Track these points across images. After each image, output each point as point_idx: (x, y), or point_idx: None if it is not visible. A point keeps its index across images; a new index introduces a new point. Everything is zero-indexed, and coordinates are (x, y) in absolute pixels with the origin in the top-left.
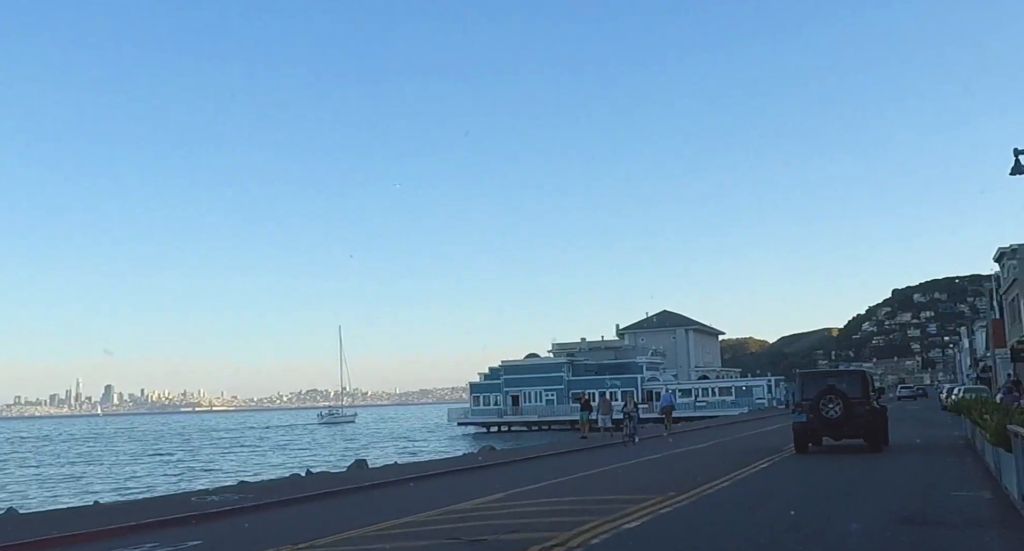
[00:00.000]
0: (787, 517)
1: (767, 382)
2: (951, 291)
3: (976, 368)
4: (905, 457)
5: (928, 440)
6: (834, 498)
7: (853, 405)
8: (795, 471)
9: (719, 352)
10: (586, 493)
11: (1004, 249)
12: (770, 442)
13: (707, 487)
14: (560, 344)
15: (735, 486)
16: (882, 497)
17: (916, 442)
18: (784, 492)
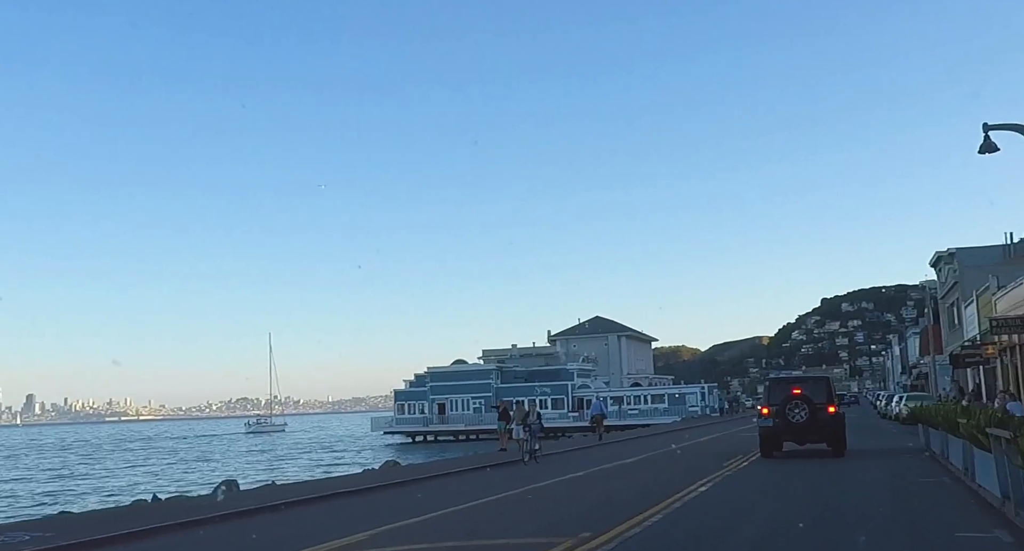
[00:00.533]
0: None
1: (700, 389)
2: (878, 300)
3: (909, 375)
4: (876, 473)
5: (885, 450)
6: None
7: (818, 410)
8: (744, 497)
9: (652, 359)
10: (475, 533)
11: (941, 253)
12: (706, 456)
13: (633, 524)
14: (490, 351)
15: (668, 522)
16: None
17: (876, 452)
18: (736, 533)
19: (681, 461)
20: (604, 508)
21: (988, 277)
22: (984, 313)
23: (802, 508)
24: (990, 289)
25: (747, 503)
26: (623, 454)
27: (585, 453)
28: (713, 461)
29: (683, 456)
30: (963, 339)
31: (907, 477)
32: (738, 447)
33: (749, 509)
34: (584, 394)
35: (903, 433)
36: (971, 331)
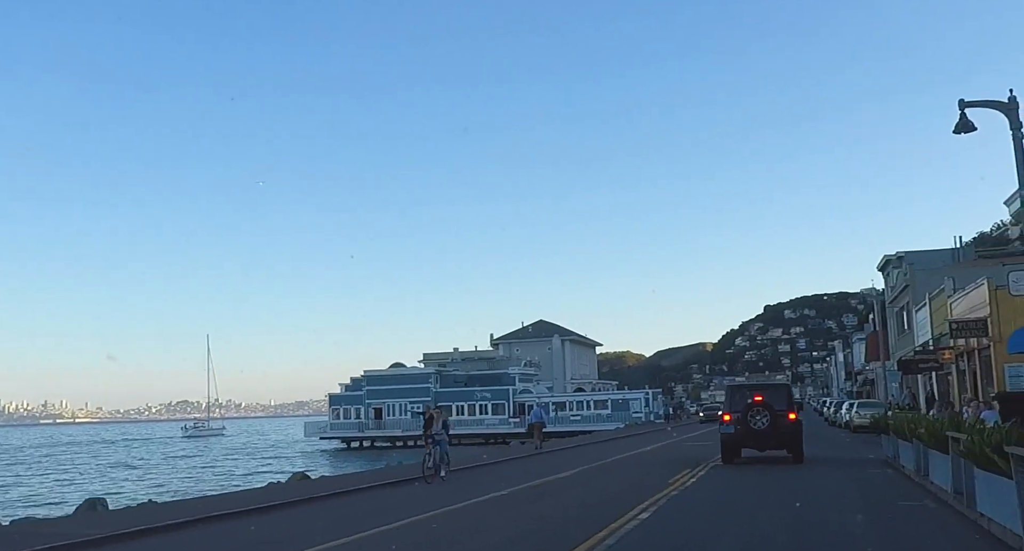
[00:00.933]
0: None
1: (644, 395)
2: (820, 308)
3: (854, 382)
4: (847, 495)
5: (846, 461)
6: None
7: (779, 417)
8: (695, 524)
9: (596, 364)
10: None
11: (890, 257)
12: (650, 469)
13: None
14: (431, 354)
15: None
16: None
17: (837, 463)
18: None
19: (622, 475)
20: (523, 542)
21: (943, 279)
22: (938, 317)
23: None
24: (945, 291)
25: (700, 535)
26: (560, 466)
27: (518, 465)
28: (658, 476)
29: (625, 469)
30: (914, 344)
31: (884, 500)
32: (685, 458)
33: (703, 545)
34: (526, 399)
35: (859, 443)
36: (923, 336)
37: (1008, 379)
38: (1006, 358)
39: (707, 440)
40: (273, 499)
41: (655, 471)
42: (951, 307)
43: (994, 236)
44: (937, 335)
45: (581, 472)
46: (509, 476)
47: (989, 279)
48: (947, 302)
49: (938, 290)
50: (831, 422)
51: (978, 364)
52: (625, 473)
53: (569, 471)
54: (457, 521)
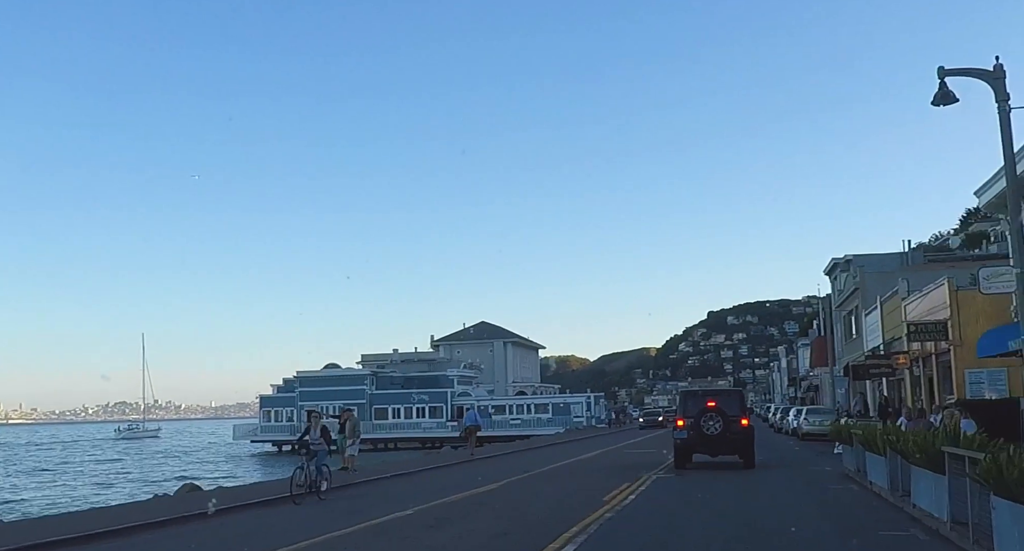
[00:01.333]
0: None
1: (586, 399)
2: (762, 315)
3: (798, 388)
4: (813, 521)
5: (803, 474)
6: None
7: (732, 422)
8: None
9: (539, 367)
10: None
11: (838, 260)
12: (584, 483)
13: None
14: (370, 355)
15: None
16: None
17: (792, 476)
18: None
19: (552, 490)
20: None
21: (897, 281)
22: (890, 320)
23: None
24: (899, 293)
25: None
26: (487, 476)
27: (440, 474)
28: (593, 490)
29: (557, 481)
30: (863, 349)
31: (861, 529)
32: (624, 468)
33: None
34: (464, 402)
35: (810, 452)
36: (873, 340)
37: (969, 385)
38: (967, 363)
39: (648, 447)
40: (145, 517)
41: (590, 484)
42: (906, 310)
43: (934, 246)
44: (889, 339)
45: (507, 485)
46: (420, 490)
47: (950, 279)
48: (901, 305)
49: (891, 293)
50: (777, 429)
51: (935, 369)
52: (556, 487)
53: (494, 483)
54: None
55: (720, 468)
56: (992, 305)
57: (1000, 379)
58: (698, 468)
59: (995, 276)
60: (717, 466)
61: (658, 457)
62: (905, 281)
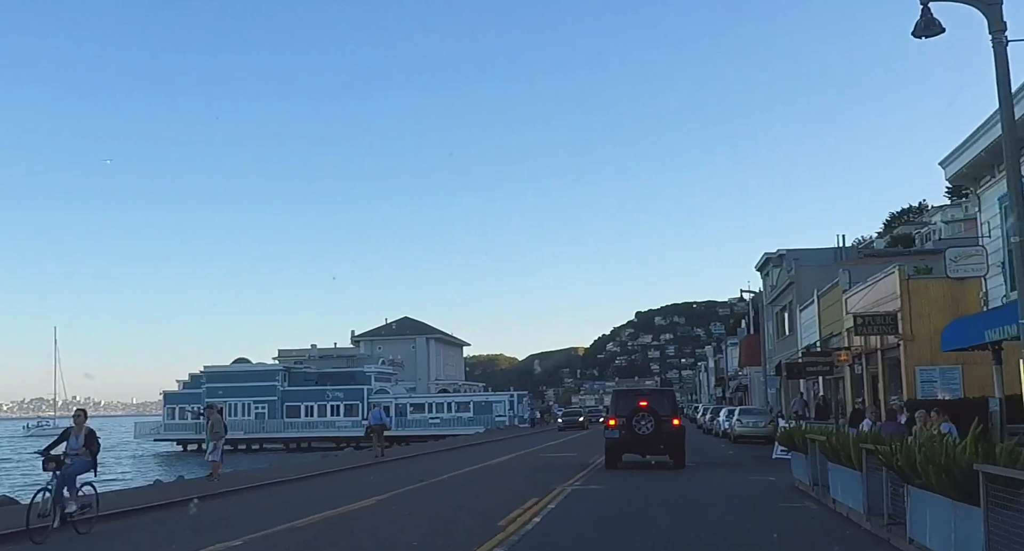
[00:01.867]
0: None
1: (509, 398)
2: (689, 315)
3: (725, 388)
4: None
5: (746, 486)
6: None
7: (663, 422)
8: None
9: (463, 364)
10: None
11: (771, 255)
12: (486, 498)
13: None
14: (287, 351)
15: None
16: None
17: (738, 489)
18: None
19: (440, 508)
20: None
21: (837, 273)
22: (828, 315)
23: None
24: (840, 285)
25: None
26: (375, 486)
27: (321, 483)
28: (491, 507)
29: (452, 494)
30: (798, 347)
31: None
32: (536, 477)
33: None
34: (382, 400)
35: (746, 456)
36: (809, 337)
37: (920, 384)
38: (919, 359)
39: (568, 450)
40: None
41: (491, 499)
42: (847, 302)
43: (859, 249)
44: (827, 335)
45: (390, 499)
46: (275, 508)
47: (901, 268)
48: (842, 297)
49: (830, 285)
50: (707, 430)
51: (881, 366)
52: (448, 503)
53: (375, 497)
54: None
55: (648, 476)
56: (946, 296)
57: (954, 377)
58: (623, 477)
59: (964, 257)
60: (645, 474)
61: (577, 463)
62: (847, 272)
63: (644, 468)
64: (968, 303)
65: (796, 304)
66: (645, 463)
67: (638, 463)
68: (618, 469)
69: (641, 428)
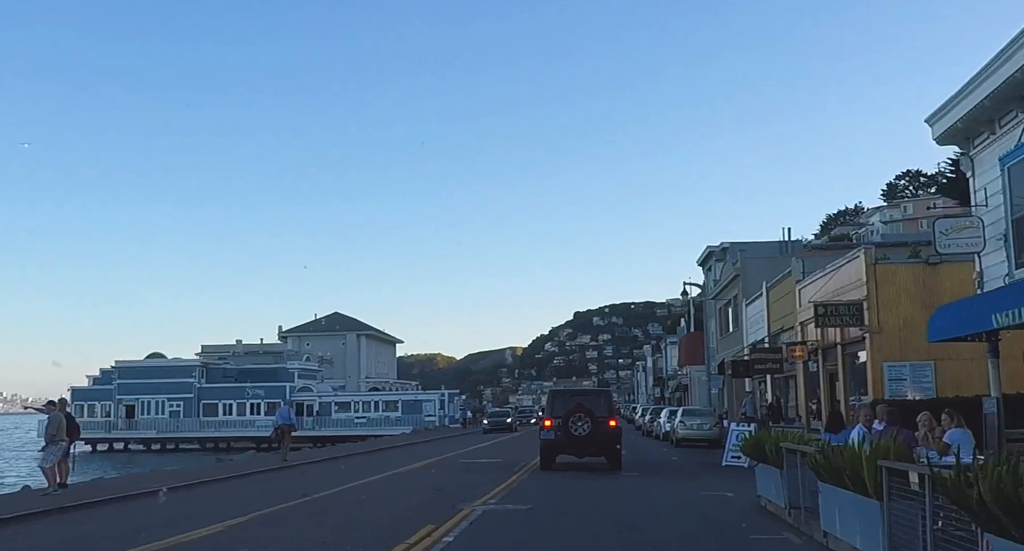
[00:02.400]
0: None
1: (439, 397)
2: (627, 316)
3: (664, 387)
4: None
5: (705, 506)
6: None
7: (600, 423)
8: None
9: (395, 362)
10: None
11: (713, 249)
12: (366, 528)
13: None
14: (211, 346)
15: None
16: None
17: (691, 508)
18: None
19: (302, 541)
20: None
21: (791, 261)
22: (779, 309)
23: None
24: (793, 275)
25: None
26: (252, 501)
27: (198, 494)
28: (375, 537)
29: (330, 516)
30: (743, 344)
31: None
32: (438, 494)
33: None
34: (305, 398)
35: (691, 463)
36: (757, 333)
37: (888, 382)
38: (887, 354)
39: (493, 455)
40: None
41: (375, 525)
42: (800, 294)
43: (804, 245)
44: (776, 330)
45: (249, 523)
46: (86, 540)
47: (867, 250)
48: (795, 288)
49: (781, 276)
50: (647, 432)
51: (841, 363)
52: (314, 532)
53: (238, 518)
54: None
55: (582, 490)
56: (919, 283)
57: (925, 375)
58: (551, 490)
59: (956, 230)
60: (577, 487)
61: (500, 471)
62: (800, 261)
63: (578, 476)
64: (942, 291)
65: (742, 298)
66: (578, 473)
67: (573, 469)
68: (547, 480)
69: (577, 429)
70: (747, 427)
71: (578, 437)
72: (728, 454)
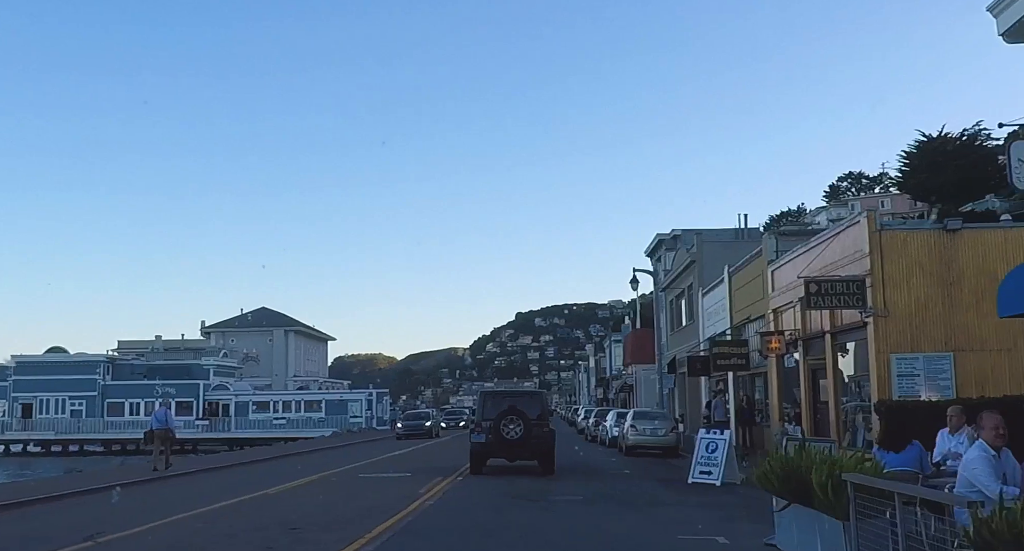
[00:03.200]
0: None
1: (367, 397)
2: (569, 317)
3: (607, 388)
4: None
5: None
6: None
7: (532, 426)
8: None
9: (327, 360)
10: None
11: (663, 237)
12: None
13: None
14: (128, 342)
15: None
16: None
17: None
18: None
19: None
20: None
21: (761, 241)
22: (743, 297)
23: None
24: (764, 255)
25: None
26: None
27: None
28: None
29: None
30: (699, 338)
31: None
32: (308, 532)
33: None
34: (221, 397)
35: (649, 477)
36: (717, 325)
37: (897, 378)
38: (895, 344)
39: (404, 467)
40: None
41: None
42: (773, 278)
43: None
44: (740, 321)
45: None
46: None
47: (871, 215)
48: (766, 271)
49: (748, 257)
50: (591, 437)
51: (831, 356)
52: None
53: None
54: None
55: (516, 523)
56: (936, 255)
57: (942, 369)
58: (466, 526)
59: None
60: (510, 519)
61: (399, 496)
62: (773, 237)
63: (505, 505)
64: (963, 264)
65: (698, 287)
66: (506, 501)
67: (499, 496)
68: (460, 509)
69: (509, 432)
70: (719, 434)
71: (510, 440)
72: (695, 469)
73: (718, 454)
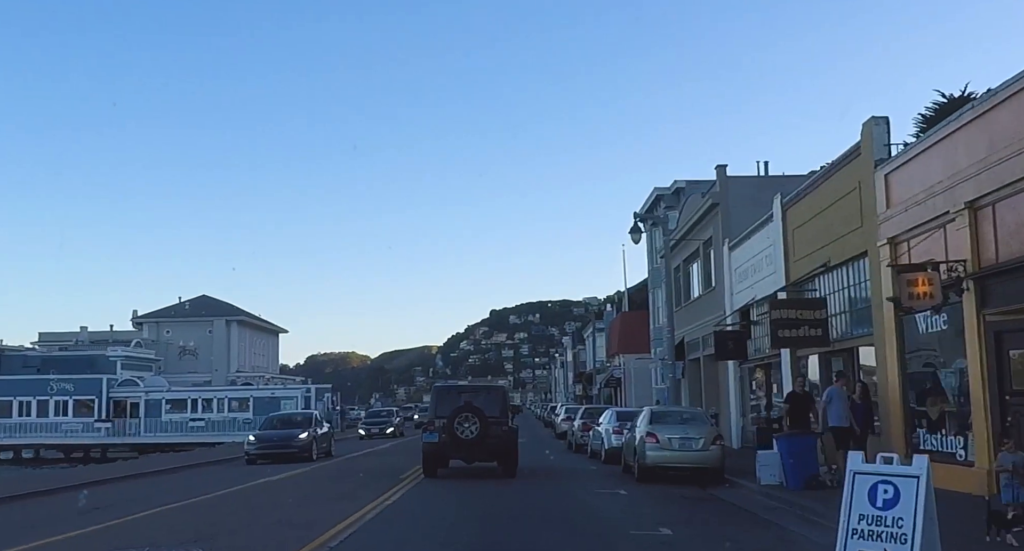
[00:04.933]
0: None
1: (303, 393)
2: (544, 314)
3: (588, 384)
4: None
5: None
6: None
7: (490, 425)
8: None
9: (278, 354)
10: None
11: (662, 191)
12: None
13: None
14: (50, 333)
15: None
16: None
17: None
18: None
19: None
20: None
21: (867, 128)
22: (808, 234)
23: None
24: (867, 154)
25: None
26: None
27: None
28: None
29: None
30: (725, 310)
31: None
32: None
33: None
34: (129, 394)
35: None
36: (756, 287)
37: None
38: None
39: (337, 482)
40: None
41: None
42: (889, 185)
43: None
44: (803, 275)
45: None
46: None
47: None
48: (873, 178)
49: (837, 161)
50: (575, 446)
51: (979, 322)
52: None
53: None
54: None
55: None
56: None
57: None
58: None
59: None
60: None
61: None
62: (883, 126)
63: None
64: None
65: (721, 241)
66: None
67: None
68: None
69: (464, 432)
70: (898, 468)
71: (465, 441)
72: (848, 541)
73: (901, 513)
